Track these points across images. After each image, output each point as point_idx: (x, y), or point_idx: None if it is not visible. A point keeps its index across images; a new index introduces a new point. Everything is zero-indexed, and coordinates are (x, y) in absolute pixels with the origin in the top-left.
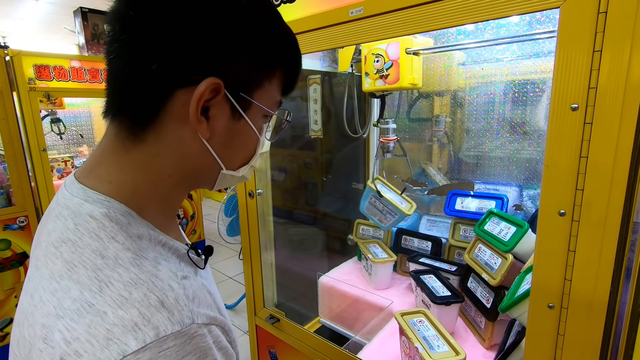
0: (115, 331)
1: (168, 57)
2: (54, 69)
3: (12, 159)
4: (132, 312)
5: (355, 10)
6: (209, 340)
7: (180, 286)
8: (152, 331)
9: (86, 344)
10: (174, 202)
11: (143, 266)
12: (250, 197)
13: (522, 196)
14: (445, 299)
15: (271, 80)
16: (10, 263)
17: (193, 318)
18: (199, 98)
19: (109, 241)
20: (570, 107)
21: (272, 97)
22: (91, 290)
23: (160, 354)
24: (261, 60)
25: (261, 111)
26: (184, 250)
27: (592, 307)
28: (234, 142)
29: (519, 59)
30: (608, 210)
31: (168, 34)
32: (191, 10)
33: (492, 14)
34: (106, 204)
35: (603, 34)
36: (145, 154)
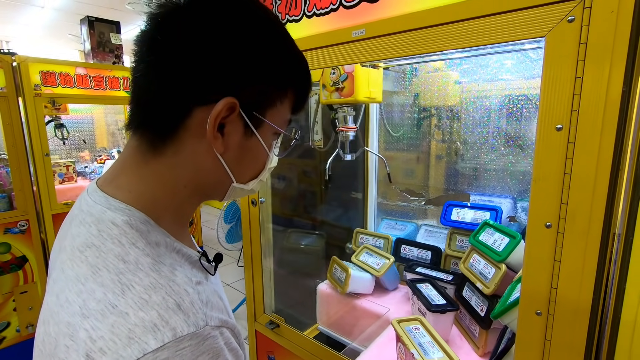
0: (136, 331)
1: (189, 78)
2: (59, 75)
3: (15, 163)
4: (152, 313)
5: (357, 31)
6: (220, 341)
7: (195, 291)
8: (170, 332)
9: (110, 342)
10: (187, 212)
11: (161, 271)
12: (253, 205)
13: (516, 208)
14: (440, 307)
15: (283, 100)
16: (9, 267)
17: (207, 321)
18: (216, 116)
19: (130, 247)
20: (555, 128)
21: (283, 116)
22: (114, 293)
23: (177, 353)
24: (274, 82)
25: (272, 129)
26: (196, 257)
27: (577, 314)
28: (246, 158)
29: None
30: (590, 222)
31: (190, 57)
32: (212, 37)
33: (482, 40)
34: (127, 212)
35: (584, 62)
36: (164, 166)
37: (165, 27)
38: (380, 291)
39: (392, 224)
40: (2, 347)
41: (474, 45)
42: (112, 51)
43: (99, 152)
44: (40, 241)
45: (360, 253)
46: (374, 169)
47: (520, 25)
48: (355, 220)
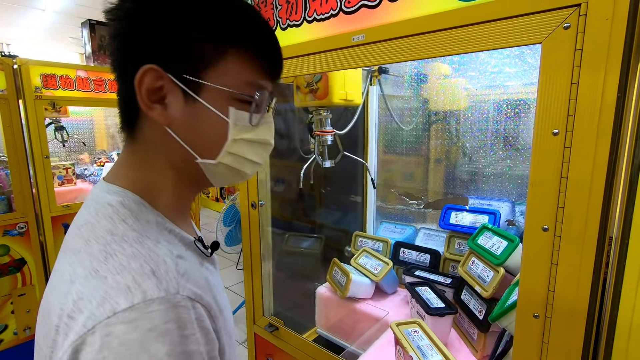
0: (111, 293)
1: (125, 62)
2: (60, 78)
3: (15, 165)
4: (128, 277)
5: (357, 36)
6: (191, 314)
7: (173, 262)
8: (141, 294)
9: (87, 303)
10: (183, 198)
11: (144, 243)
12: (253, 208)
13: (515, 211)
14: (439, 311)
15: (223, 58)
16: (7, 269)
17: (178, 289)
18: (139, 86)
19: (119, 223)
20: (551, 132)
21: (235, 78)
22: (98, 260)
23: (146, 315)
24: (201, 40)
25: (221, 92)
26: (190, 240)
27: (573, 317)
28: (199, 128)
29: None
30: (586, 225)
31: (121, 43)
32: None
33: (480, 46)
34: (122, 194)
35: (580, 68)
36: (143, 153)
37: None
38: (379, 294)
39: (391, 227)
40: (0, 349)
41: (471, 51)
42: None
43: (99, 154)
44: (39, 243)
45: (360, 256)
46: (374, 173)
47: (517, 31)
48: (354, 224)
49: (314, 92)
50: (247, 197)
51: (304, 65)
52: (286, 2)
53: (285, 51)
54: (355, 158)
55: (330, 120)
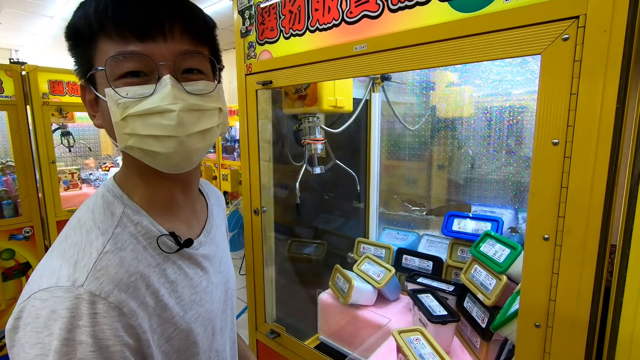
0: (44, 272)
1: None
2: (67, 84)
3: (21, 170)
4: (58, 262)
5: (359, 46)
6: (87, 308)
7: (97, 257)
8: (55, 279)
9: (35, 276)
10: (157, 192)
11: (90, 234)
12: (255, 215)
13: (518, 219)
14: (441, 318)
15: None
16: (13, 273)
17: (84, 283)
18: (82, 100)
19: (88, 212)
20: (551, 142)
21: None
22: (59, 241)
23: (52, 298)
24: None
25: (102, 79)
26: (156, 234)
27: (575, 326)
28: (104, 119)
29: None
30: (587, 235)
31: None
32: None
33: (480, 57)
34: (109, 186)
35: (579, 79)
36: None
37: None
38: (381, 301)
39: (394, 234)
40: (3, 354)
41: (472, 61)
42: None
43: (104, 159)
44: (44, 248)
45: (362, 263)
46: (376, 179)
47: (517, 42)
48: (357, 230)
49: (303, 98)
50: (249, 203)
51: (306, 74)
52: (289, 12)
53: (288, 60)
54: (346, 169)
55: (319, 129)
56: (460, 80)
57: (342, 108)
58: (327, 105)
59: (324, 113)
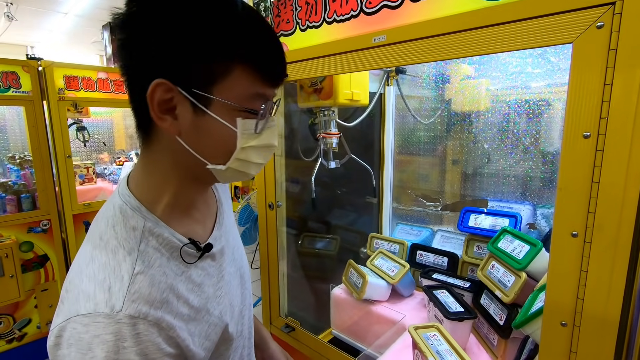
0: (79, 296)
1: (134, 74)
2: (82, 79)
3: (39, 165)
4: (92, 287)
5: (378, 37)
6: (130, 330)
7: (129, 280)
8: (93, 305)
9: (69, 296)
10: (185, 197)
11: (117, 254)
12: (270, 209)
13: (536, 215)
14: (458, 315)
15: (230, 73)
16: (32, 265)
17: (122, 308)
18: (150, 99)
19: (109, 228)
20: (582, 135)
21: (240, 91)
22: (85, 261)
23: (93, 324)
24: (208, 56)
25: (228, 105)
26: (178, 244)
27: (604, 326)
28: (206, 137)
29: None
30: (619, 232)
31: (131, 55)
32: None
33: (508, 47)
34: (126, 198)
35: (613, 69)
36: (153, 154)
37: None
38: (395, 297)
39: (407, 229)
40: (23, 343)
41: (498, 52)
42: None
43: (118, 154)
44: (61, 240)
45: (376, 258)
46: (389, 174)
47: (546, 31)
48: (370, 225)
49: (319, 91)
50: (264, 198)
51: (323, 66)
52: (306, 3)
53: (305, 53)
54: (361, 163)
55: (335, 122)
56: (477, 73)
57: (358, 102)
58: (343, 99)
59: (339, 107)
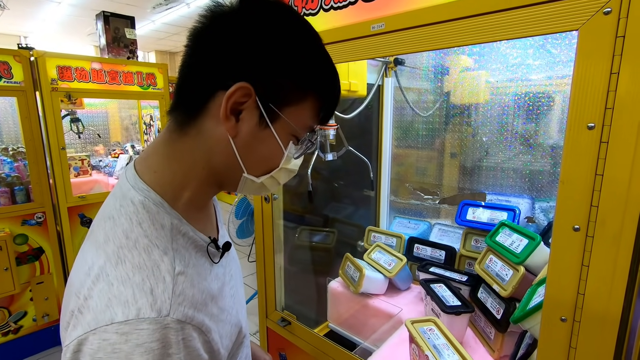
0: (113, 301)
1: (216, 63)
2: (75, 70)
3: (32, 157)
4: (129, 291)
5: (377, 25)
6: (178, 335)
7: (172, 281)
8: (135, 311)
9: (94, 304)
10: (205, 195)
11: (152, 254)
12: (266, 202)
13: (534, 208)
14: (455, 309)
15: (303, 101)
16: (26, 257)
17: (170, 312)
18: (229, 96)
19: (135, 226)
20: (586, 126)
21: (303, 119)
22: (111, 263)
23: (135, 331)
24: (294, 79)
25: (289, 127)
26: (202, 243)
27: (604, 322)
28: (257, 148)
29: (534, 72)
30: (623, 226)
31: (220, 45)
32: (243, 29)
33: (510, 34)
34: (145, 192)
35: (621, 57)
36: (186, 146)
37: (209, 21)
38: (392, 290)
39: (405, 223)
40: (19, 335)
41: (501, 39)
42: (127, 46)
43: (113, 146)
44: (56, 233)
45: (373, 251)
46: (387, 167)
47: (550, 18)
48: (367, 218)
49: None
50: None
51: None
52: None
53: None
54: (358, 155)
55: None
56: (477, 64)
57: (356, 92)
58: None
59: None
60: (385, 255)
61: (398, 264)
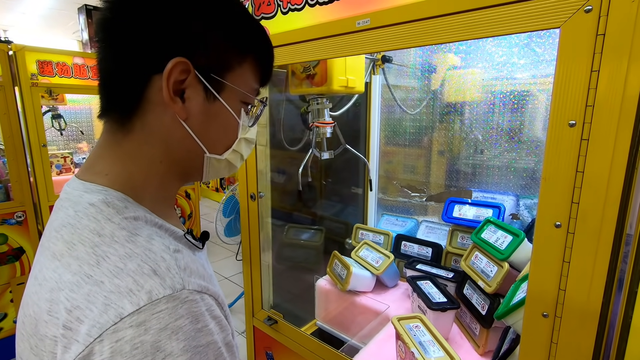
0: (112, 297)
1: (140, 46)
2: (56, 65)
3: (12, 154)
4: (127, 280)
5: (362, 21)
6: (201, 306)
7: (172, 257)
8: (146, 295)
9: (86, 311)
10: (169, 191)
11: (137, 242)
12: (252, 200)
13: (519, 205)
14: (441, 305)
15: (242, 64)
16: (6, 258)
17: (184, 284)
18: (167, 76)
19: (105, 222)
20: (568, 123)
21: (248, 83)
22: (89, 264)
23: (154, 316)
24: (229, 44)
25: (237, 94)
26: (180, 233)
27: (585, 317)
28: (213, 124)
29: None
30: (602, 222)
31: (138, 25)
32: (154, 3)
33: (494, 31)
34: (104, 192)
35: (601, 54)
36: (135, 143)
37: (116, 6)
38: (379, 288)
39: (393, 220)
40: (0, 337)
41: (485, 36)
42: None
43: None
44: (38, 233)
45: (360, 249)
46: (375, 164)
47: (533, 15)
48: (355, 216)
49: (311, 77)
50: (246, 188)
51: (305, 51)
52: None
53: (286, 37)
54: (357, 154)
55: (328, 111)
56: (464, 62)
57: (354, 89)
58: (338, 86)
59: (333, 94)
60: (372, 253)
61: (385, 262)
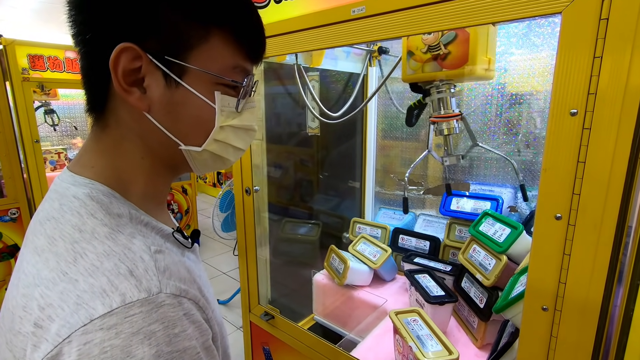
0: (84, 297)
1: (93, 36)
2: (48, 59)
3: (4, 150)
4: (102, 279)
5: (357, 9)
6: (178, 311)
7: (151, 259)
8: (119, 297)
9: (58, 309)
10: (158, 187)
11: (118, 240)
12: (247, 194)
13: (517, 198)
14: (439, 299)
15: (208, 40)
16: (1, 255)
17: (161, 287)
18: (114, 66)
19: (88, 217)
20: (569, 112)
21: (219, 61)
22: (66, 261)
23: (127, 320)
24: (185, 18)
25: (204, 76)
26: (169, 231)
27: (585, 310)
28: (181, 113)
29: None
30: (604, 215)
31: (87, 12)
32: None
33: (493, 18)
34: (90, 186)
35: (604, 40)
36: (113, 138)
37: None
38: (377, 282)
39: (390, 214)
40: None
41: (485, 23)
42: None
43: None
44: None
45: (358, 243)
46: (372, 158)
47: (533, 0)
48: (352, 210)
49: (442, 57)
50: (240, 182)
51: (298, 42)
52: None
53: (278, 27)
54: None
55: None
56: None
57: (491, 72)
58: (481, 68)
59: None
60: (370, 247)
61: (383, 255)
